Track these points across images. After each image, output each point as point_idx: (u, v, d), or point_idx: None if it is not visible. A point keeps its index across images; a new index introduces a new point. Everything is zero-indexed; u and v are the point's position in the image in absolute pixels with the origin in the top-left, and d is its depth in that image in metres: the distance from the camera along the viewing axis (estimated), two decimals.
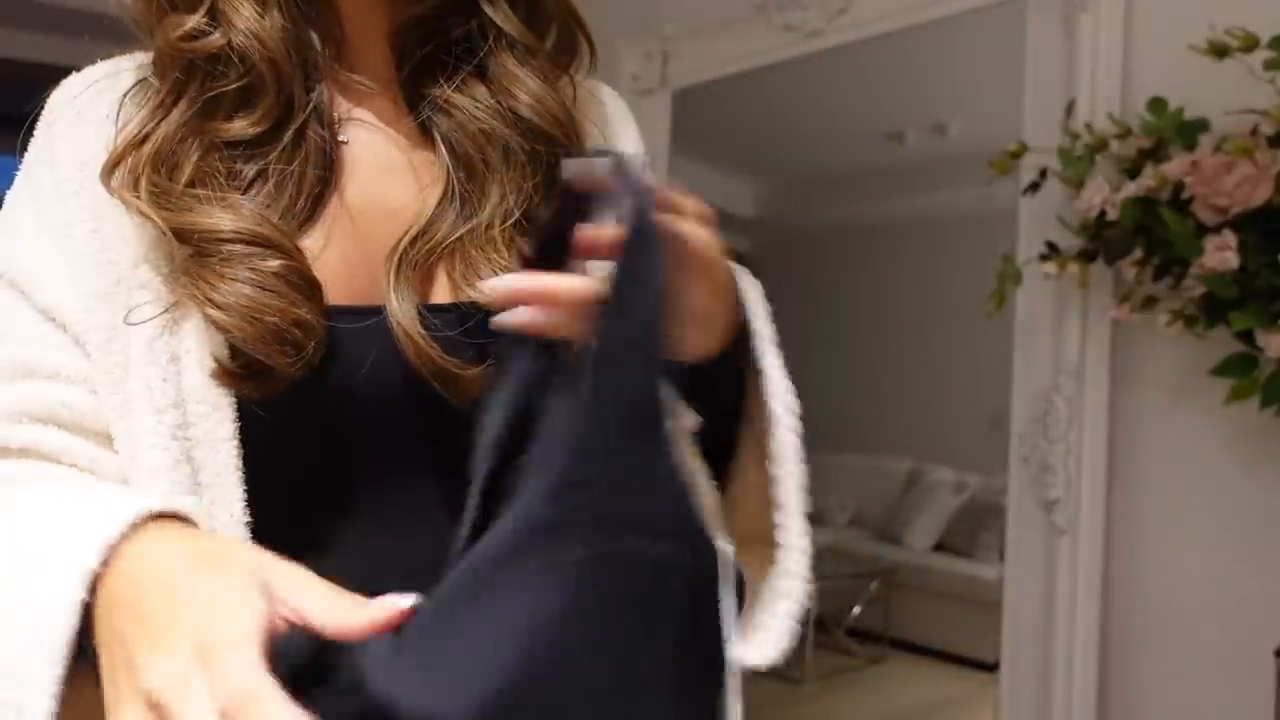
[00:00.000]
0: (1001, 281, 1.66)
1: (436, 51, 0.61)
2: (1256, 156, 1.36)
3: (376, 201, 0.60)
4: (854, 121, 4.26)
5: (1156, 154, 1.49)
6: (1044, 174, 1.63)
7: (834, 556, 4.62)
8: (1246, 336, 1.39)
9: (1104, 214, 1.51)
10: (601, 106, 0.70)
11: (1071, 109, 1.64)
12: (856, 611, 4.31)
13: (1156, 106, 1.50)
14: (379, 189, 0.60)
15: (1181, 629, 1.56)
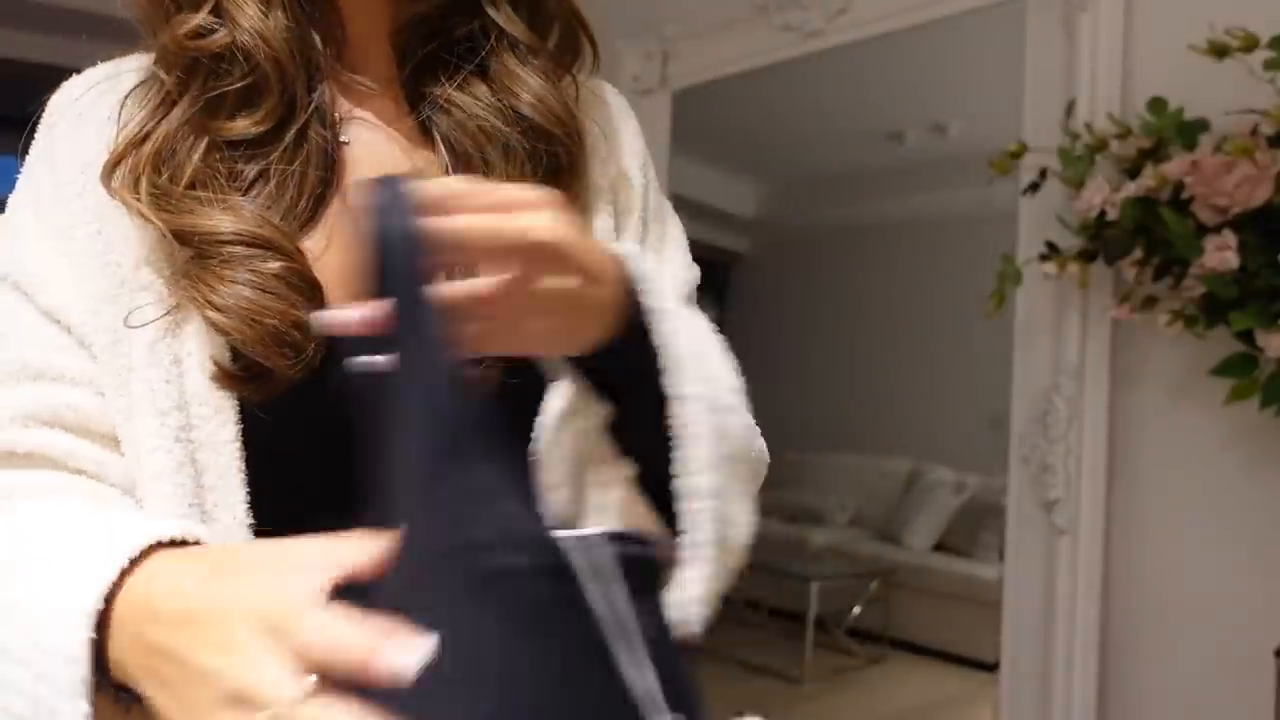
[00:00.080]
0: (1001, 281, 1.66)
1: (438, 51, 0.61)
2: (1256, 156, 1.36)
3: None
4: (854, 121, 4.26)
5: (1156, 154, 1.49)
6: (1044, 174, 1.63)
7: (834, 556, 4.62)
8: (1246, 336, 1.39)
9: (1104, 214, 1.51)
10: (604, 106, 0.70)
11: (1071, 109, 1.64)
12: (856, 611, 4.31)
13: (1156, 106, 1.50)
14: None
15: (1181, 629, 1.56)
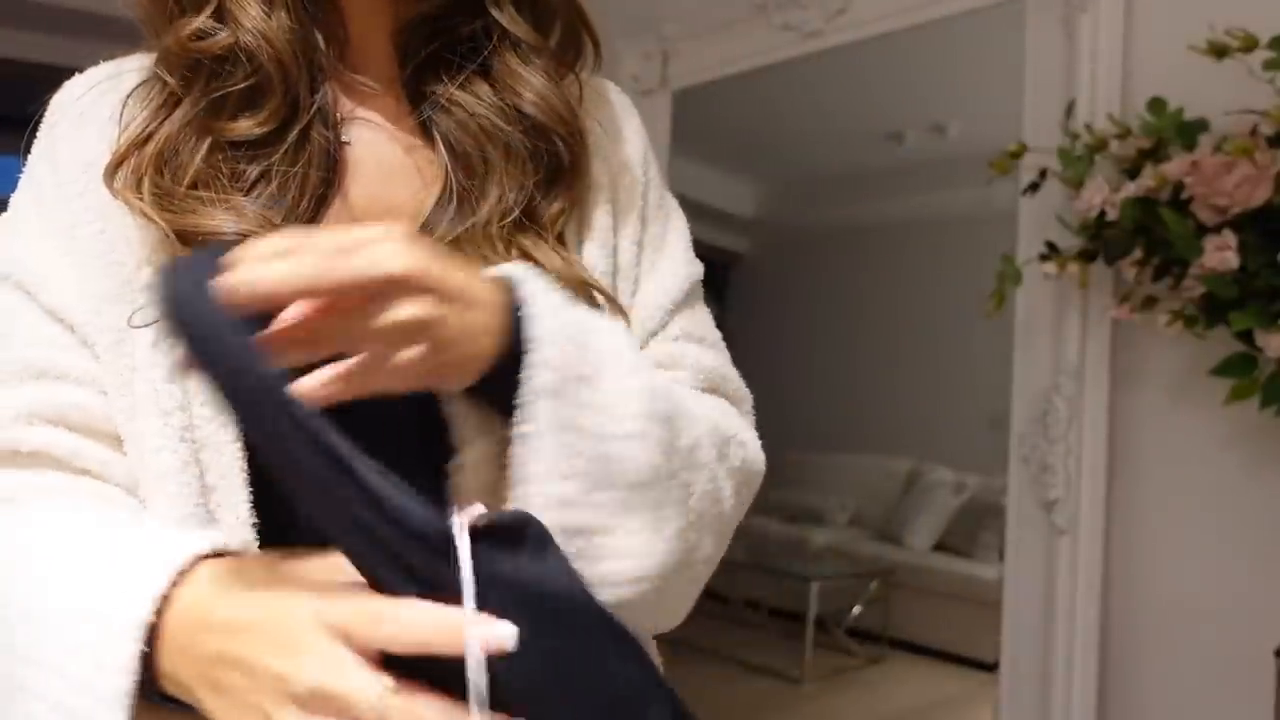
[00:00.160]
0: (1001, 281, 1.66)
1: (440, 50, 0.60)
2: (1256, 156, 1.36)
3: (379, 202, 0.60)
4: (853, 121, 4.26)
5: (1156, 154, 1.49)
6: (1044, 174, 1.63)
7: (834, 556, 4.62)
8: (1246, 336, 1.39)
9: (1104, 214, 1.51)
10: (607, 104, 0.70)
11: (1071, 109, 1.64)
12: (856, 611, 4.31)
13: (1156, 107, 1.50)
14: (382, 190, 0.60)
15: (1181, 629, 1.56)
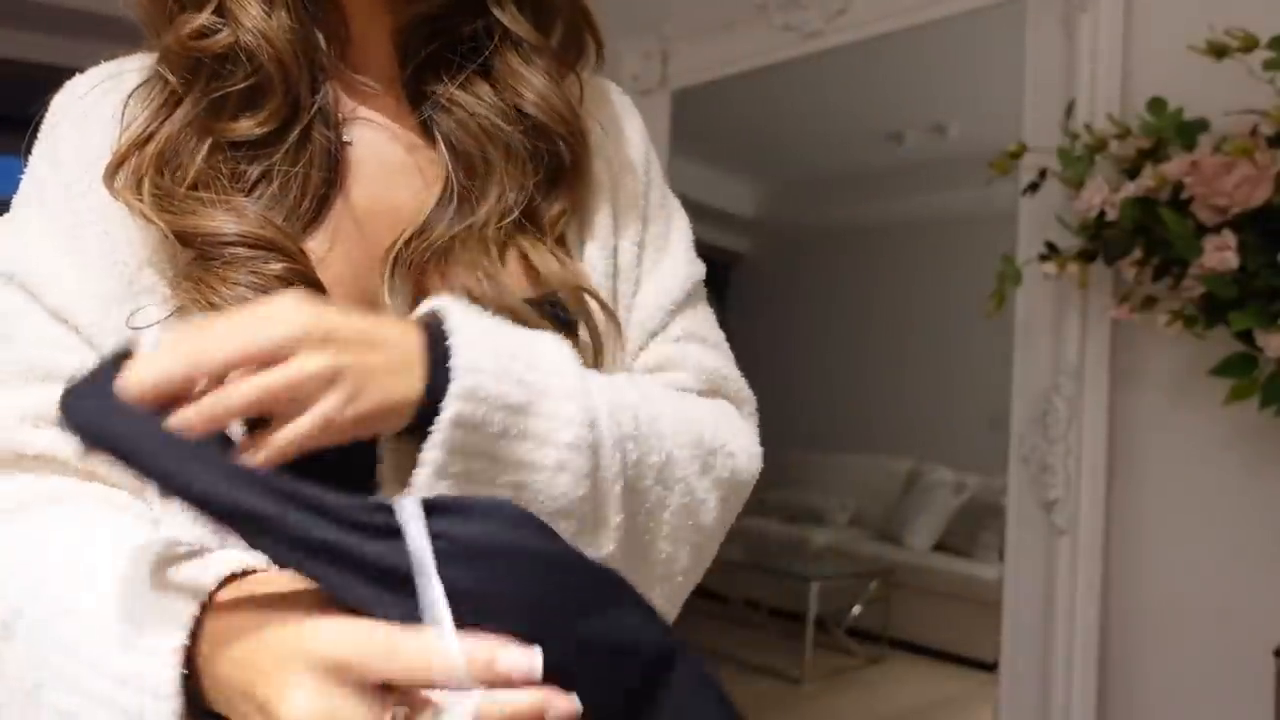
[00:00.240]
0: (1001, 282, 1.66)
1: (441, 49, 0.60)
2: (1256, 156, 1.36)
3: (380, 202, 0.60)
4: (854, 122, 4.26)
5: (1156, 154, 1.49)
6: (1043, 174, 1.63)
7: (834, 556, 4.62)
8: (1246, 336, 1.39)
9: (1103, 214, 1.51)
10: (608, 104, 0.70)
11: (1071, 109, 1.64)
12: (856, 611, 4.31)
13: (1156, 107, 1.50)
14: (383, 190, 0.60)
15: (1181, 629, 1.56)
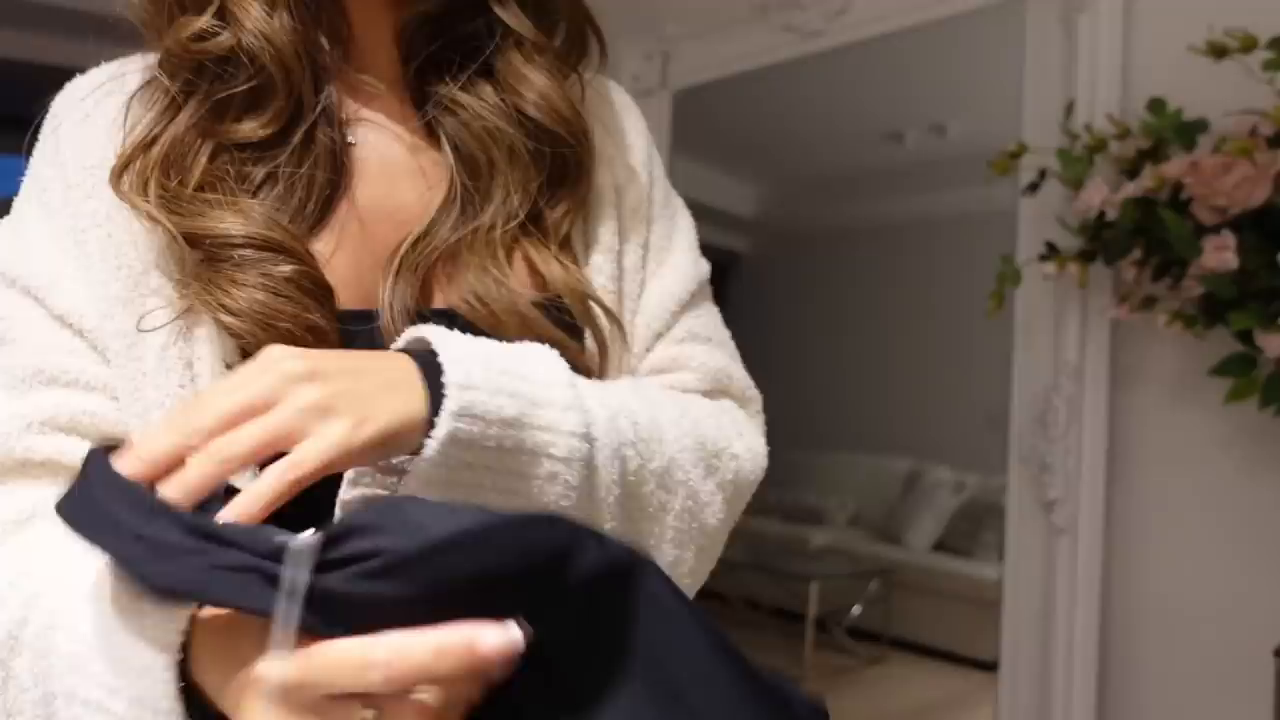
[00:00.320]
0: (1001, 282, 1.67)
1: (443, 50, 0.60)
2: (1255, 157, 1.36)
3: (385, 204, 0.59)
4: (853, 122, 4.25)
5: (1156, 154, 1.49)
6: (1043, 174, 1.63)
7: (834, 556, 4.62)
8: (1245, 336, 1.39)
9: (1103, 214, 1.51)
10: (609, 104, 0.70)
11: (1071, 109, 1.64)
12: (856, 611, 4.31)
13: (1156, 107, 1.50)
14: (387, 191, 0.60)
15: (1181, 629, 1.56)
